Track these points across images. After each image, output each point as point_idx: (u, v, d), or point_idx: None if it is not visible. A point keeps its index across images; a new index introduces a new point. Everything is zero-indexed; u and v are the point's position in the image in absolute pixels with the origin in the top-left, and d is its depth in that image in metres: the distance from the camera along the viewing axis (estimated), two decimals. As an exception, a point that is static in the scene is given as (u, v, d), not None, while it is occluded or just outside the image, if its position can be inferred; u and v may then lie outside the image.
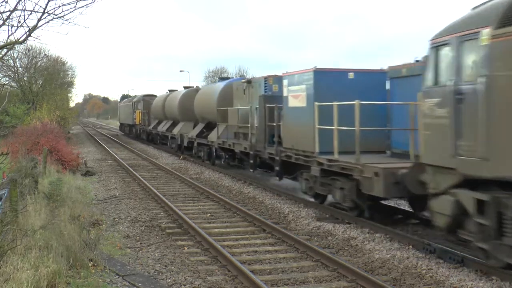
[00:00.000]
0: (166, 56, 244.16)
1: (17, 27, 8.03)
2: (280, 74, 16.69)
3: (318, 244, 10.01)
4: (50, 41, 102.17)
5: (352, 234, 10.56)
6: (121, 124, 59.98)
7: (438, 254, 8.72)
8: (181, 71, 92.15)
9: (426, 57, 9.40)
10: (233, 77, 24.72)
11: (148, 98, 42.74)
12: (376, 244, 9.73)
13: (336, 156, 11.94)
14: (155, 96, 43.20)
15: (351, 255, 9.31)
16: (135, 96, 50.13)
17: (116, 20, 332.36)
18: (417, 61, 11.74)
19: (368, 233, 10.55)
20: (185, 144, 27.29)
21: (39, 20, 8.09)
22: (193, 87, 34.93)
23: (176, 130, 29.59)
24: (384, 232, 10.42)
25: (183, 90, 31.49)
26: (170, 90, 38.03)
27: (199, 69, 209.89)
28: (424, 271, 8.06)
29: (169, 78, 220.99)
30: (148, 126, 39.99)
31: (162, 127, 34.17)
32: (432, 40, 8.81)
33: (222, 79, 23.35)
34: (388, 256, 8.96)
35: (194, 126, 27.40)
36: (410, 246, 9.41)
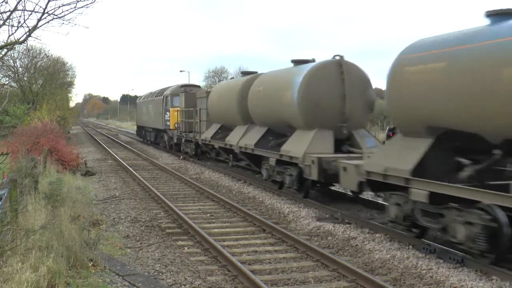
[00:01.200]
0: (165, 57, 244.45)
1: (17, 27, 8.00)
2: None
3: (318, 244, 10.00)
4: (50, 41, 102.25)
5: (352, 234, 10.55)
6: (140, 128, 43.38)
7: (438, 254, 8.72)
8: (181, 71, 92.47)
9: None
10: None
11: (191, 90, 28.31)
12: (376, 244, 9.73)
13: None
14: (198, 86, 30.93)
15: (351, 255, 9.31)
16: (167, 87, 32.93)
17: (115, 20, 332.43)
18: None
19: (368, 233, 10.55)
20: (350, 187, 11.81)
21: (39, 20, 8.07)
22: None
23: (298, 150, 13.92)
24: (384, 232, 10.41)
25: (302, 68, 15.02)
26: (244, 73, 21.82)
27: (199, 69, 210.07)
28: (424, 271, 8.06)
29: (169, 78, 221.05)
30: (198, 135, 24.25)
31: (243, 139, 18.06)
32: None
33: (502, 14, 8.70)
34: (388, 256, 8.96)
35: (356, 137, 14.36)
36: (410, 246, 9.41)
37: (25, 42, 8.42)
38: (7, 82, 39.47)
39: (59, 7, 8.02)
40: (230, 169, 21.19)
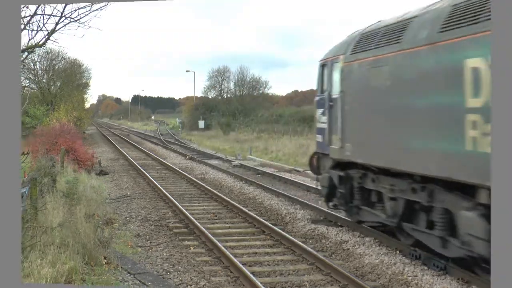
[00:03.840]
0: (168, 57, 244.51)
1: (37, 31, 7.90)
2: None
3: (313, 247, 10.01)
4: (67, 44, 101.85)
5: (344, 237, 10.55)
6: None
7: (423, 260, 8.74)
8: (187, 71, 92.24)
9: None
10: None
11: None
12: (366, 248, 9.72)
13: None
14: None
15: (343, 259, 9.31)
16: None
17: (122, 24, 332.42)
18: None
19: (358, 236, 10.52)
20: None
21: (57, 23, 7.98)
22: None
23: None
24: (373, 236, 10.41)
25: None
26: None
27: (201, 70, 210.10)
28: (410, 277, 8.05)
29: (175, 78, 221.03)
30: None
31: None
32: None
33: None
34: (377, 261, 8.95)
35: None
36: (397, 251, 9.41)
37: (44, 45, 8.38)
38: (28, 84, 39.49)
39: (75, 10, 7.95)
40: (233, 169, 21.21)
